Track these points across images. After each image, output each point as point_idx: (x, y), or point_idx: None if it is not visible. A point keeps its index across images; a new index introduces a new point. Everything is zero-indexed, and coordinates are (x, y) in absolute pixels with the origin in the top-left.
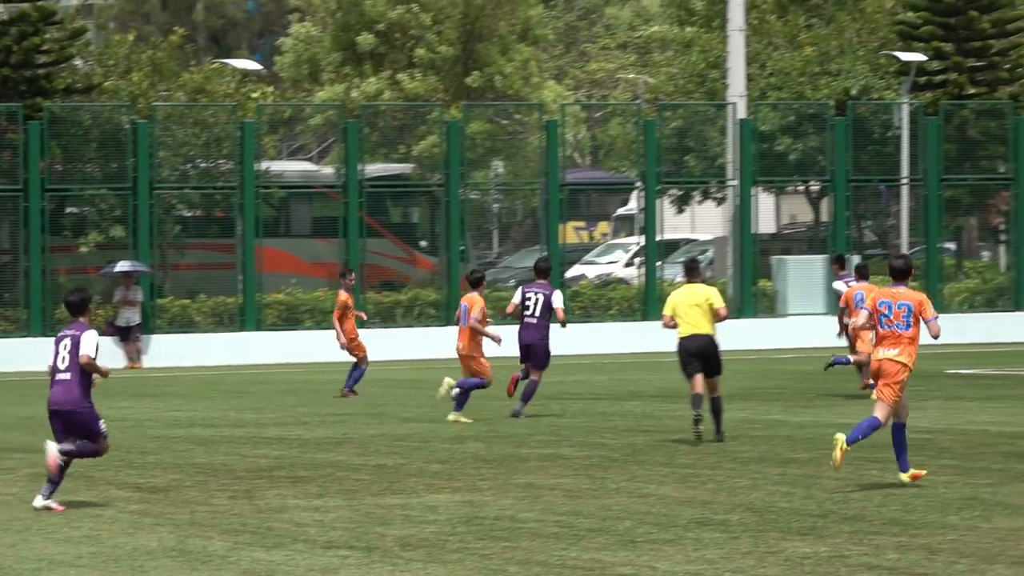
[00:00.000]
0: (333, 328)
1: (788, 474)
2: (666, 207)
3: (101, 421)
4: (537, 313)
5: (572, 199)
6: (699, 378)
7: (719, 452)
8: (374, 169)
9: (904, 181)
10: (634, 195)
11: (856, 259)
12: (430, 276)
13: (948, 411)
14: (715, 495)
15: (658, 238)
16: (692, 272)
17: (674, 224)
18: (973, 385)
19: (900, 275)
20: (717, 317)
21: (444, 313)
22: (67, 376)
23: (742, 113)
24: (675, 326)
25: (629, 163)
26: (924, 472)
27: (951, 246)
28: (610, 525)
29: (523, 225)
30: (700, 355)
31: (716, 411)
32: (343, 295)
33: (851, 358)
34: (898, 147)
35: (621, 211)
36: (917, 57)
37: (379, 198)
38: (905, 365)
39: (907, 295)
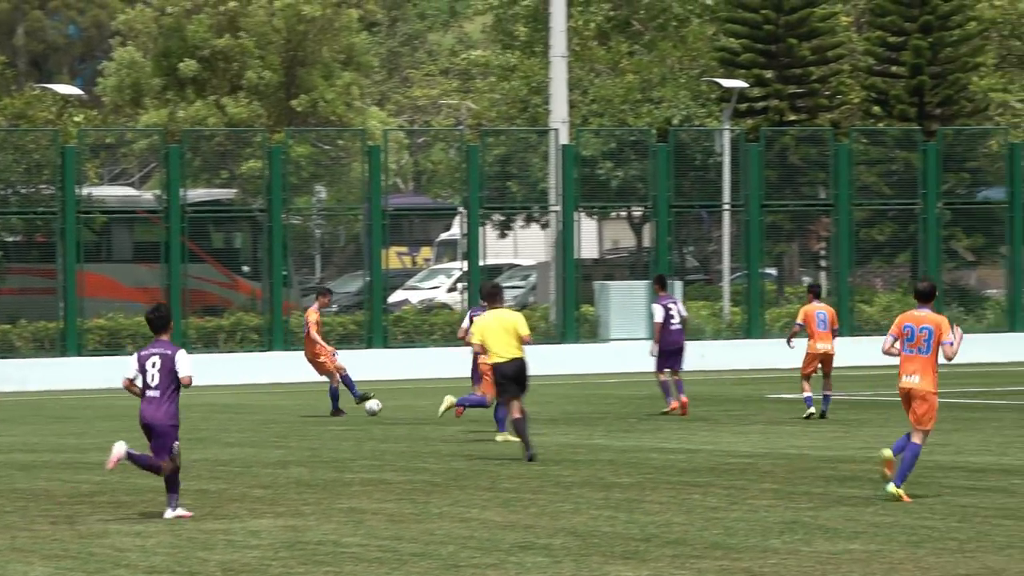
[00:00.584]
0: (316, 345)
1: (611, 498)
2: (489, 232)
3: (177, 443)
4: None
5: (395, 224)
6: (517, 403)
7: (542, 476)
8: (196, 194)
9: (726, 207)
10: (457, 220)
11: (678, 283)
12: (252, 301)
13: (769, 435)
14: (538, 519)
15: (481, 263)
16: (495, 297)
17: (497, 249)
18: (794, 409)
19: (925, 298)
20: (523, 342)
21: (266, 338)
22: (156, 394)
23: (564, 139)
24: (485, 352)
25: (452, 189)
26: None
27: (772, 271)
28: (433, 550)
29: (346, 250)
30: (516, 379)
31: (522, 430)
32: (315, 314)
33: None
34: (719, 173)
35: (444, 236)
36: (738, 84)
37: (201, 223)
38: (933, 392)
39: (929, 319)
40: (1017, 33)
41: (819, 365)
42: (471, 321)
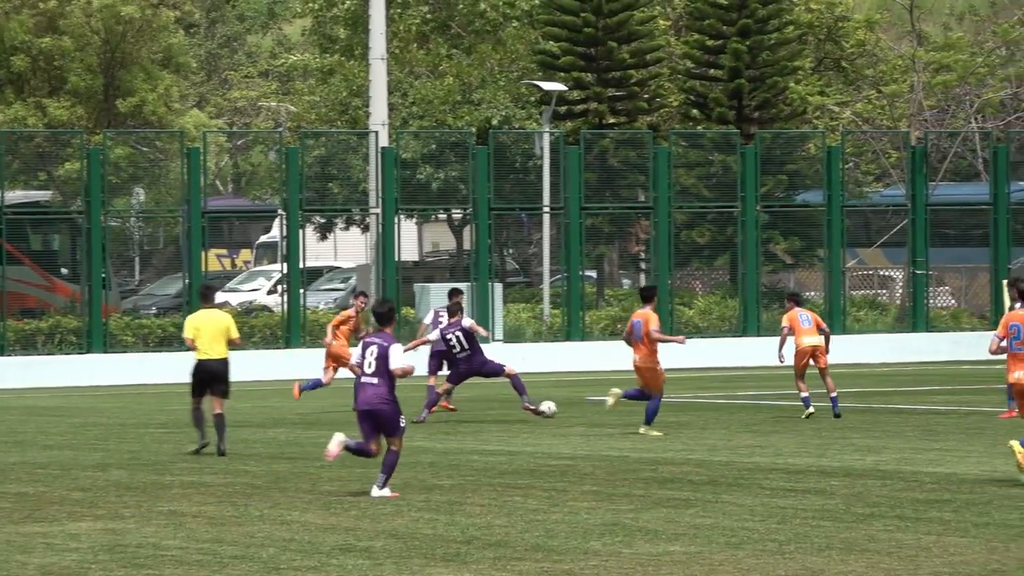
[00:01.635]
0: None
1: (432, 500)
2: (309, 234)
3: (402, 418)
4: (466, 346)
5: (214, 227)
6: (206, 399)
7: (362, 479)
8: (14, 196)
9: (546, 209)
10: (277, 223)
11: (498, 286)
12: (71, 303)
13: (590, 437)
14: (358, 522)
15: (301, 265)
16: (208, 297)
17: (317, 251)
18: (615, 412)
19: None
20: (233, 345)
21: (85, 341)
22: (374, 380)
23: (384, 141)
24: (195, 348)
25: (271, 191)
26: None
27: (592, 274)
28: (253, 552)
29: (165, 252)
30: (214, 377)
31: (221, 427)
32: (349, 313)
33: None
34: (539, 176)
35: (264, 239)
36: (558, 87)
37: (19, 225)
38: None
39: None
40: (834, 37)
41: (811, 361)
42: (435, 316)
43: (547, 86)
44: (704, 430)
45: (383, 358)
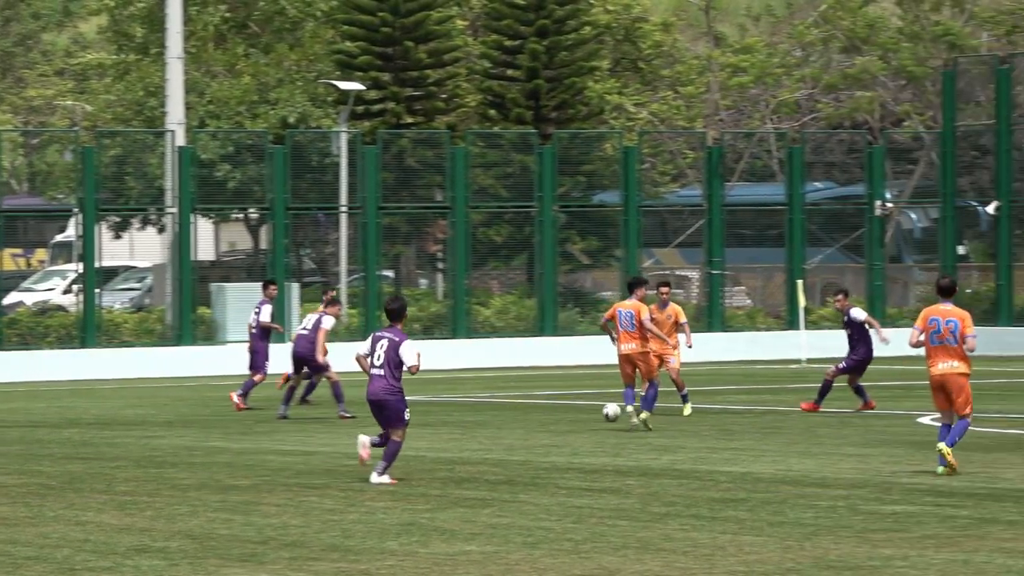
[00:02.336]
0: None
1: (228, 501)
2: (105, 234)
3: (407, 411)
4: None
5: (9, 226)
6: None
7: (158, 479)
8: None
9: (343, 209)
10: (72, 222)
11: (295, 286)
12: None
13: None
14: (154, 522)
15: (97, 265)
16: None
17: (113, 251)
18: (411, 412)
19: (947, 293)
20: None
21: None
22: (381, 372)
23: (181, 141)
24: None
25: (68, 190)
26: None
27: (389, 273)
28: (48, 553)
29: None
30: None
31: None
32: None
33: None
34: (337, 175)
35: (59, 238)
36: (355, 86)
37: None
38: (966, 374)
39: (954, 312)
40: (631, 38)
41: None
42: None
43: (344, 86)
44: (501, 429)
45: (393, 352)
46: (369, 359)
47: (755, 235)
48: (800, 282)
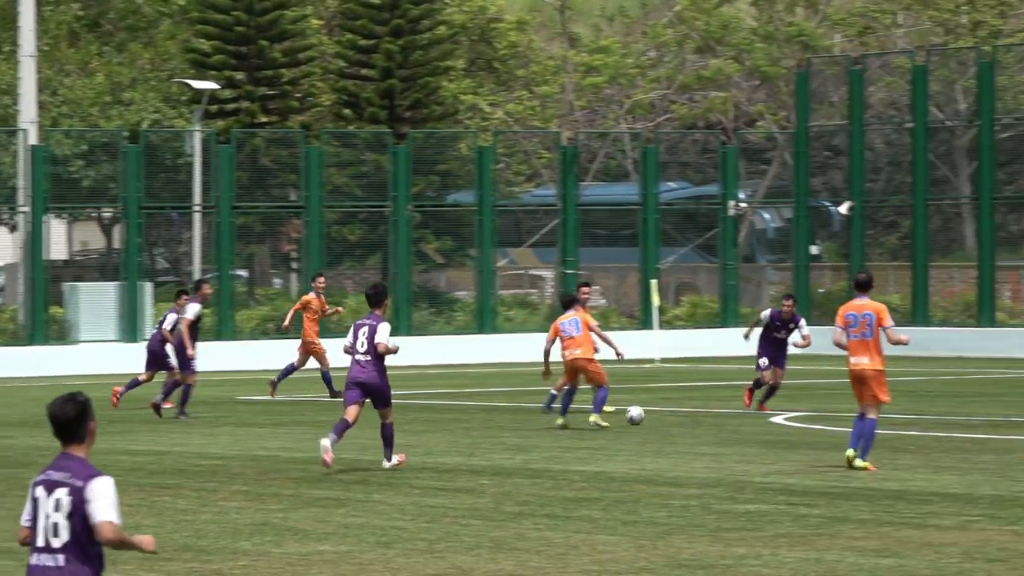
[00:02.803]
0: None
1: None
2: None
3: (391, 393)
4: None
5: None
6: None
7: (10, 479)
8: None
9: (196, 208)
10: None
11: (148, 285)
12: None
13: (239, 437)
14: (3, 522)
15: None
16: None
17: None
18: (265, 412)
19: (863, 287)
20: None
21: None
22: (367, 358)
23: (34, 139)
24: None
25: None
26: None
27: (243, 273)
28: None
29: None
30: None
31: None
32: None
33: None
34: (190, 174)
35: None
36: (209, 85)
37: None
38: (881, 370)
39: (870, 306)
40: (487, 38)
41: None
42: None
43: (198, 85)
44: (354, 429)
45: (373, 337)
46: (352, 347)
47: (609, 235)
48: (654, 282)
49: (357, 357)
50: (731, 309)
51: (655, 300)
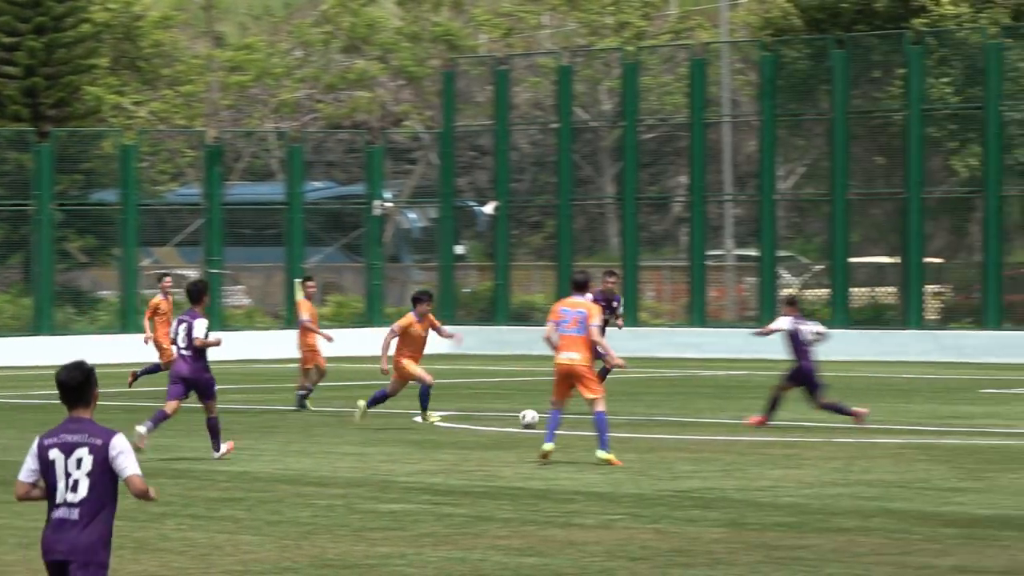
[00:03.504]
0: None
1: None
2: None
3: (215, 387)
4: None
5: None
6: None
7: None
8: None
9: None
10: None
11: None
12: None
13: None
14: None
15: None
16: None
17: None
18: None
19: (579, 288)
20: None
21: None
22: (188, 352)
23: None
24: None
25: None
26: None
27: None
28: None
29: None
30: None
31: None
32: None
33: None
34: None
35: None
36: None
37: None
38: (590, 366)
39: (583, 304)
40: (131, 36)
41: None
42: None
43: None
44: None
45: (191, 333)
46: (174, 341)
47: (255, 234)
48: (298, 281)
49: (181, 352)
50: (376, 309)
51: (300, 297)
